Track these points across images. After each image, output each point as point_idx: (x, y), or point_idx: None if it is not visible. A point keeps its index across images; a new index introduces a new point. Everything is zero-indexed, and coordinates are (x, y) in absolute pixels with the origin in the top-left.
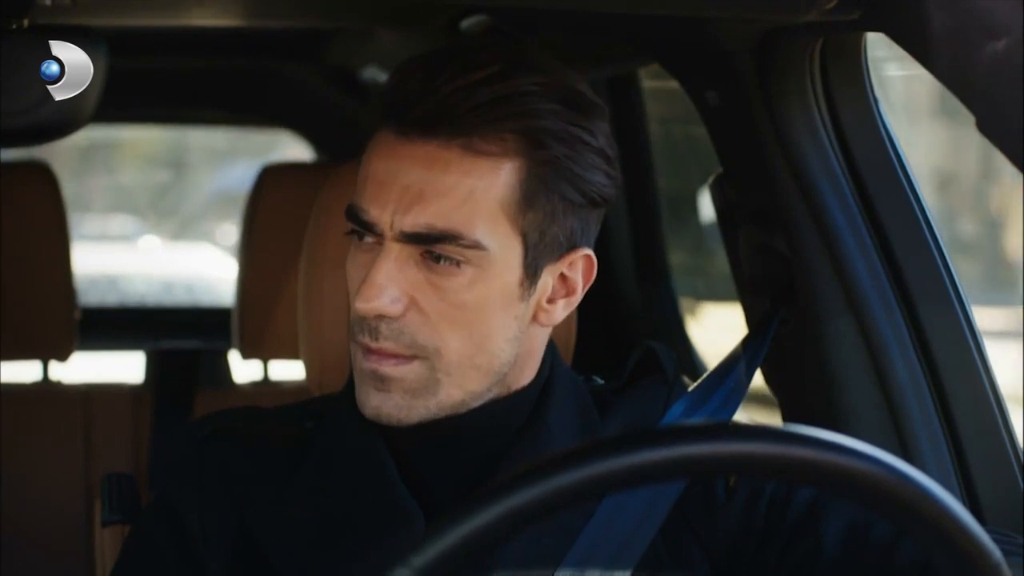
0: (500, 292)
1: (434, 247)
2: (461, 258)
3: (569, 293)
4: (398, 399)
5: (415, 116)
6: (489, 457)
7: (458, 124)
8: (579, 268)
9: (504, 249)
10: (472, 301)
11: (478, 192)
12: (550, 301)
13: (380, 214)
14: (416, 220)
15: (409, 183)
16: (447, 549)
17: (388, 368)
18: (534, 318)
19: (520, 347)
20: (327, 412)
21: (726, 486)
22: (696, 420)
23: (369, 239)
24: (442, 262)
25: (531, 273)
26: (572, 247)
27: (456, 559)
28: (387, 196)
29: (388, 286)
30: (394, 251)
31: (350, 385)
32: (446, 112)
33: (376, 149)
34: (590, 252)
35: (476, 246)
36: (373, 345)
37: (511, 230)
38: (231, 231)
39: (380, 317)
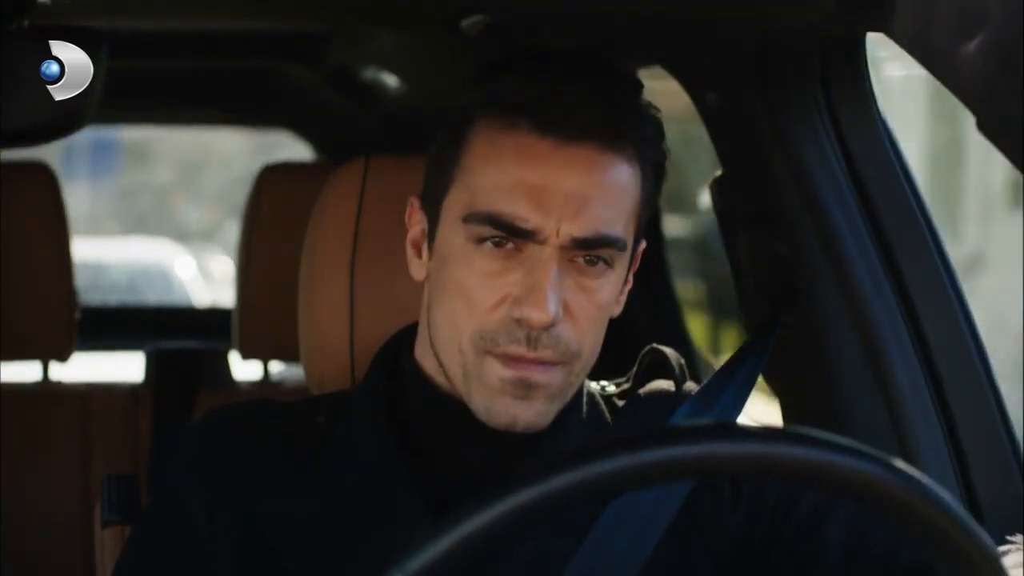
0: (617, 289)
1: (597, 252)
2: (611, 261)
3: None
4: (539, 406)
5: (578, 123)
6: (504, 461)
7: (611, 130)
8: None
9: (628, 248)
10: (607, 301)
11: (627, 195)
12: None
13: (544, 221)
14: (585, 226)
15: (572, 189)
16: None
17: (539, 375)
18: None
19: None
20: (340, 409)
21: (733, 487)
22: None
23: (509, 246)
24: (597, 265)
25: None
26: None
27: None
28: (550, 202)
29: (555, 294)
30: (556, 257)
31: (369, 382)
32: (600, 118)
33: (519, 152)
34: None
35: (624, 248)
36: (531, 355)
37: (633, 229)
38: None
39: (544, 325)
